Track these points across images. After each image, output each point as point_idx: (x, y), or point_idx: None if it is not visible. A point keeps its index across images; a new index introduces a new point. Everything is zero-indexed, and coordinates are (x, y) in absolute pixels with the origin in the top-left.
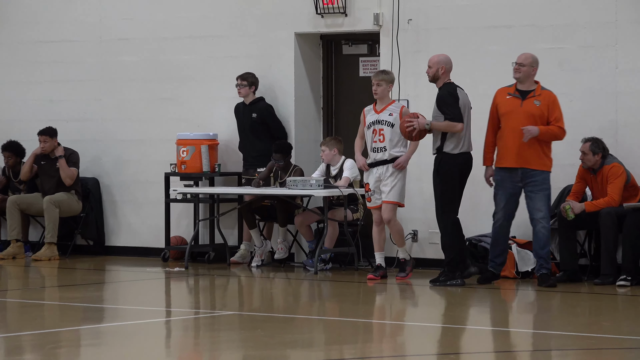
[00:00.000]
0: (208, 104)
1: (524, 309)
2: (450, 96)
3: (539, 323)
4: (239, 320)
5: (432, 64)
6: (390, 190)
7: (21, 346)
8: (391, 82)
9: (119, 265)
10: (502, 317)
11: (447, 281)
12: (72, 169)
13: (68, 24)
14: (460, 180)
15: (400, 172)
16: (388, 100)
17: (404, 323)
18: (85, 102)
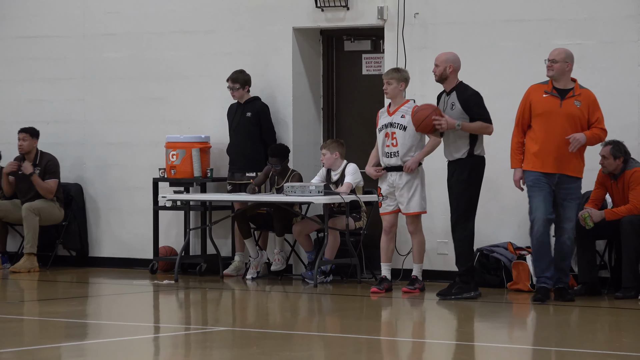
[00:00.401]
0: (199, 104)
1: (539, 324)
2: (479, 97)
3: (555, 340)
4: (232, 337)
5: (439, 62)
6: (410, 200)
7: None
8: (403, 80)
9: (104, 278)
10: (515, 333)
11: (463, 293)
12: (50, 183)
13: (48, 18)
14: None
15: (416, 179)
16: (401, 100)
17: (411, 340)
18: (67, 102)
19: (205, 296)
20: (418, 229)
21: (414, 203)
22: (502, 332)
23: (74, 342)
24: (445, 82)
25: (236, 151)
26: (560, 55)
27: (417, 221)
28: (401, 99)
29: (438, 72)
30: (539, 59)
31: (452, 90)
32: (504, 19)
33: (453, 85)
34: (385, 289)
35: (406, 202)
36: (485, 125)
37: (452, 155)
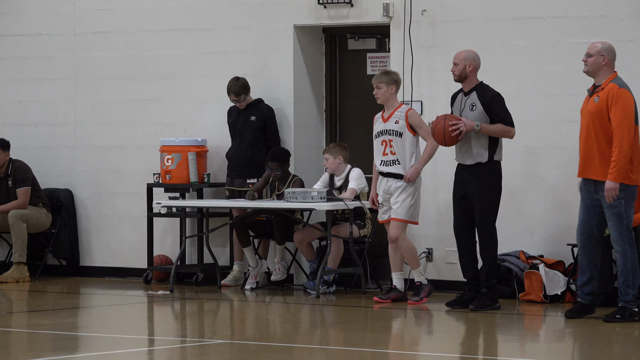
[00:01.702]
0: (196, 106)
1: (552, 337)
2: (501, 98)
3: (569, 353)
4: (230, 350)
5: (458, 61)
6: (399, 206)
7: None
8: (393, 83)
9: (95, 288)
10: (527, 347)
11: (495, 304)
12: (22, 191)
13: (37, 16)
14: None
15: (411, 186)
16: (394, 104)
17: (417, 353)
18: (57, 103)
19: (202, 307)
20: (401, 236)
21: (401, 209)
22: (512, 344)
23: (63, 356)
24: (465, 82)
25: (237, 156)
26: (595, 49)
27: (400, 229)
28: (394, 103)
29: (457, 71)
30: (552, 58)
31: (472, 90)
32: (516, 16)
33: (473, 85)
34: (391, 299)
35: (395, 208)
36: (507, 128)
37: (469, 159)
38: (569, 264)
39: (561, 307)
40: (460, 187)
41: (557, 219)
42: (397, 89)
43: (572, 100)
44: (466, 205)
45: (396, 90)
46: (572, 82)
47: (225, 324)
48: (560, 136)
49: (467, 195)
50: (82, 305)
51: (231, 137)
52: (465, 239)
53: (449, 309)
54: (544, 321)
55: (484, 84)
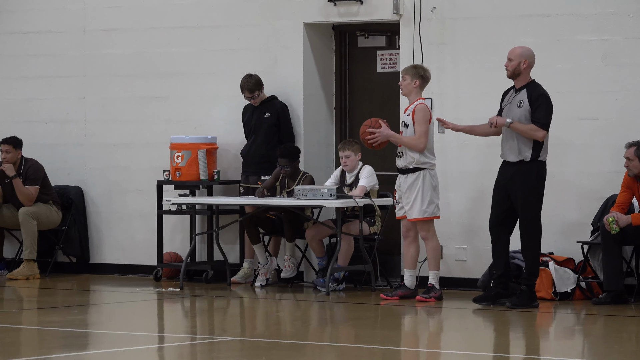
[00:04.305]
0: (205, 103)
1: (562, 334)
2: (548, 100)
3: (579, 350)
4: (240, 347)
5: (513, 57)
6: (410, 206)
7: None
8: (418, 77)
9: (105, 285)
10: (537, 344)
11: (534, 302)
12: (29, 189)
13: (47, 13)
14: None
15: (417, 182)
16: (414, 98)
17: (427, 350)
18: (66, 100)
19: (212, 304)
20: (430, 234)
21: (414, 209)
22: (520, 342)
23: (74, 353)
24: (517, 79)
25: (252, 153)
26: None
27: (426, 227)
28: (415, 97)
29: (511, 67)
30: (562, 55)
31: (523, 87)
32: (526, 13)
33: (525, 82)
34: (399, 296)
35: (408, 207)
36: (535, 128)
37: (513, 156)
38: (579, 261)
39: (571, 305)
40: (502, 184)
41: (567, 216)
42: (421, 84)
43: (581, 98)
44: (506, 202)
45: (421, 85)
46: (581, 79)
47: (235, 321)
48: (569, 133)
49: (508, 193)
50: (92, 303)
51: (245, 135)
52: (500, 236)
53: (477, 305)
54: (554, 318)
55: (536, 83)
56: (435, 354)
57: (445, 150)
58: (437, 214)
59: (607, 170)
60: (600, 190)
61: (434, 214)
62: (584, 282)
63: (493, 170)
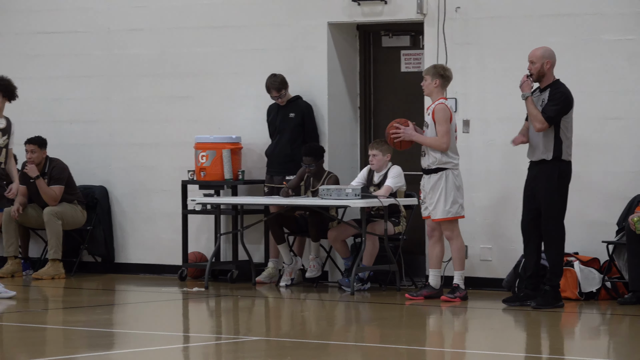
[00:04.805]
0: (230, 103)
1: (587, 334)
2: (566, 97)
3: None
4: (265, 347)
5: (535, 59)
6: (433, 207)
7: None
8: (438, 77)
9: (131, 285)
10: (562, 344)
11: (558, 303)
12: (53, 189)
13: (72, 13)
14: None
15: (440, 183)
16: (436, 98)
17: (452, 350)
18: (92, 100)
19: (237, 304)
20: (454, 234)
21: (438, 209)
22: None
23: (99, 353)
24: (542, 79)
25: (277, 153)
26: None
27: (450, 227)
28: (436, 97)
29: (535, 69)
30: (588, 55)
31: (547, 87)
32: (551, 13)
33: (549, 82)
34: (423, 296)
35: (432, 208)
36: (540, 118)
37: (536, 155)
38: (604, 261)
39: (596, 305)
40: (529, 184)
41: (592, 216)
42: (442, 84)
43: (608, 98)
44: (533, 202)
45: (442, 85)
46: (607, 79)
47: (260, 321)
48: (594, 133)
49: (535, 194)
50: (117, 302)
51: (270, 135)
52: (531, 237)
53: (506, 306)
54: (579, 318)
55: (560, 82)
56: (461, 354)
57: (470, 149)
58: (461, 213)
59: (632, 170)
60: (625, 190)
61: (457, 214)
62: (609, 282)
63: (519, 170)
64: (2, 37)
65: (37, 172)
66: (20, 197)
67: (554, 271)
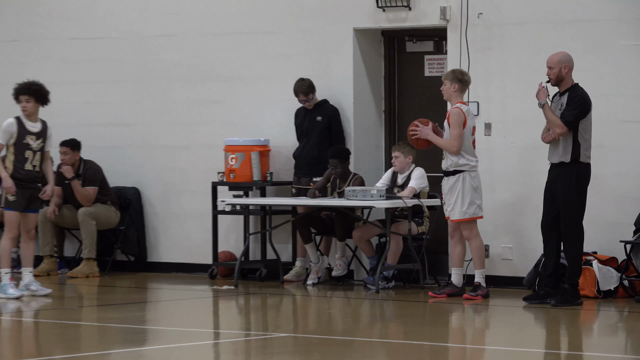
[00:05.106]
0: (259, 107)
1: (606, 331)
2: (583, 100)
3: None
4: (293, 343)
5: (553, 64)
6: (452, 208)
7: None
8: (456, 81)
9: (162, 283)
10: (580, 341)
11: (577, 300)
12: (87, 190)
13: (106, 20)
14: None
15: (457, 185)
16: (454, 102)
17: (474, 347)
18: (125, 104)
19: (265, 302)
20: (473, 234)
21: (455, 210)
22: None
23: (132, 349)
24: (561, 84)
25: (304, 155)
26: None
27: (468, 227)
28: (455, 101)
29: (553, 74)
30: (606, 60)
31: (566, 91)
32: (570, 19)
33: (568, 86)
34: (446, 294)
35: (450, 209)
36: (559, 123)
37: (555, 158)
38: (621, 261)
39: (614, 303)
40: (549, 186)
41: (610, 216)
42: (461, 88)
43: (626, 101)
44: (553, 203)
45: (460, 89)
46: (624, 83)
47: (288, 318)
48: (612, 136)
49: (555, 195)
50: (150, 300)
51: (298, 138)
52: (551, 237)
53: (527, 304)
54: (597, 316)
55: (578, 86)
56: (482, 351)
57: (491, 151)
58: (479, 214)
59: None
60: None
61: (475, 215)
62: (626, 280)
63: (538, 172)
64: (40, 43)
65: (72, 174)
66: (56, 198)
67: (573, 270)
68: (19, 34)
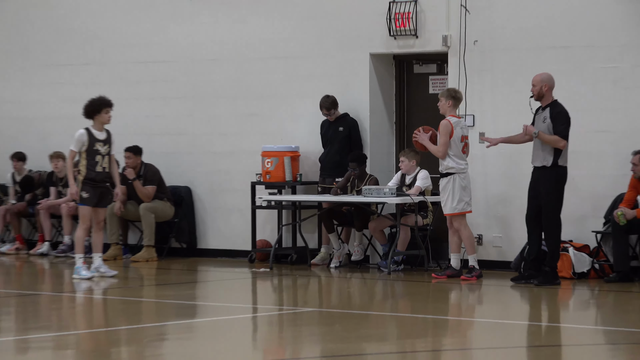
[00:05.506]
0: (290, 119)
1: (580, 306)
2: (566, 115)
3: (594, 319)
4: (318, 316)
5: (535, 83)
6: (444, 204)
7: (120, 339)
8: (450, 98)
9: (209, 266)
10: (559, 314)
11: (556, 281)
12: (147, 188)
13: (162, 46)
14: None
15: (448, 185)
16: (448, 115)
17: (470, 319)
18: (178, 117)
19: (295, 282)
20: (462, 225)
21: (447, 206)
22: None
23: (185, 321)
24: (542, 99)
25: (328, 160)
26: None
27: (458, 220)
28: (449, 114)
29: (535, 91)
30: (581, 80)
31: (547, 106)
32: (551, 45)
33: (548, 102)
34: (447, 275)
35: (443, 204)
36: (558, 139)
37: (538, 162)
38: (593, 247)
39: (587, 283)
40: (532, 185)
41: (584, 211)
42: (454, 104)
43: (597, 115)
44: (536, 200)
45: (453, 104)
46: (596, 99)
47: (314, 295)
48: (586, 143)
49: (538, 193)
50: (199, 280)
51: (323, 145)
52: (534, 227)
53: (513, 283)
54: (573, 293)
55: (558, 102)
56: (476, 322)
57: (485, 157)
58: (467, 209)
59: (616, 173)
60: (610, 189)
61: (464, 210)
62: (597, 264)
63: (523, 173)
64: (107, 67)
65: (134, 175)
66: (121, 195)
67: (553, 255)
68: (90, 58)
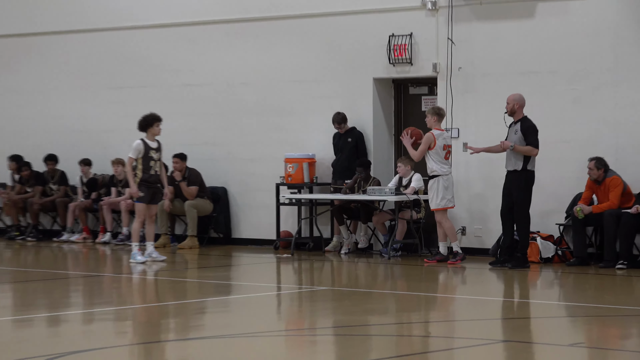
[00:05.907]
0: (307, 132)
1: (545, 285)
2: (534, 128)
3: (557, 296)
4: (331, 294)
5: (509, 101)
6: (430, 200)
7: (168, 312)
8: (434, 113)
9: (242, 253)
10: (529, 292)
11: (526, 265)
12: (191, 188)
13: (203, 71)
14: None
15: (435, 185)
16: (433, 128)
17: (455, 296)
18: (216, 130)
19: (312, 265)
20: (444, 219)
21: (432, 202)
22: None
23: (222, 297)
24: (514, 115)
25: (339, 165)
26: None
27: (440, 214)
28: (434, 127)
29: (509, 108)
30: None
31: (518, 121)
32: (521, 71)
33: (520, 117)
34: (437, 260)
35: (430, 201)
36: (531, 148)
37: (510, 166)
38: (557, 237)
39: (551, 266)
40: (506, 186)
41: (549, 207)
42: (438, 119)
43: (559, 128)
44: (509, 198)
45: (438, 119)
46: (559, 116)
47: (327, 276)
48: (551, 152)
49: (510, 193)
50: (233, 264)
51: (334, 153)
52: (507, 221)
53: (491, 267)
54: (540, 275)
55: (527, 118)
56: (461, 298)
57: (469, 162)
58: (449, 205)
59: (575, 176)
60: (571, 189)
61: (446, 206)
62: (560, 251)
63: (499, 176)
64: (157, 88)
65: (180, 177)
66: (170, 194)
67: (523, 244)
68: (144, 81)
